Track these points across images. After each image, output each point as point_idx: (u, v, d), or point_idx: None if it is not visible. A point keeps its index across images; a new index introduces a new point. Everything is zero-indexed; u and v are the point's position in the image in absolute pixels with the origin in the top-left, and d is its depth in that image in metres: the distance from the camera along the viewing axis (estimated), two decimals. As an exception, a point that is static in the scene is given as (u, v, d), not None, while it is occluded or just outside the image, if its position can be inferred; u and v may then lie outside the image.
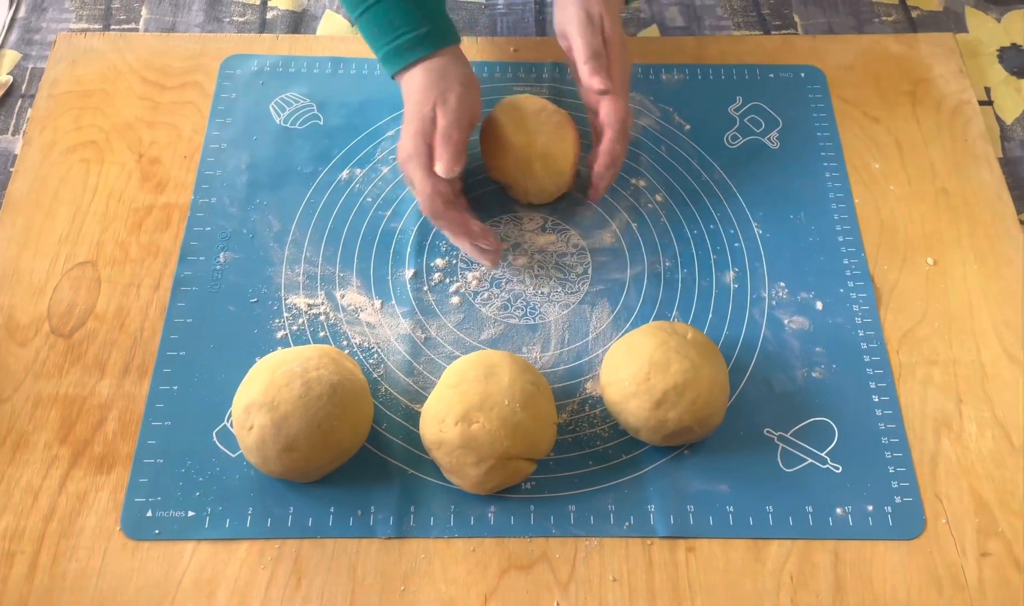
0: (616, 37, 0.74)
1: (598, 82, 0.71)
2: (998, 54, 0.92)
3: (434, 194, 0.70)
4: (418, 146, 0.70)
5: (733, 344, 0.73)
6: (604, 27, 0.74)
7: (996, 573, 0.63)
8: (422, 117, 0.71)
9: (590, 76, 0.72)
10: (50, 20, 0.92)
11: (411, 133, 0.71)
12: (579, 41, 0.72)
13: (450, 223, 0.71)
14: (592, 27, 0.73)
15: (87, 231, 0.77)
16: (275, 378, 0.63)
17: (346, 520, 0.65)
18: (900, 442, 0.68)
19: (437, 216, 0.71)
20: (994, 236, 0.79)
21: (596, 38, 0.73)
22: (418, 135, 0.71)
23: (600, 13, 0.73)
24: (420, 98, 0.71)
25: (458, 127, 0.71)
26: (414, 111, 0.71)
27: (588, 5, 0.73)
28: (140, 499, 0.65)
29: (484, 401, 0.63)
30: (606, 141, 0.73)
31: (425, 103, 0.71)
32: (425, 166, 0.70)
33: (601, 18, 0.73)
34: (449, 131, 0.70)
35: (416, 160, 0.70)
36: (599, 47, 0.73)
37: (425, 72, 0.72)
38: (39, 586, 0.62)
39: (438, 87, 0.71)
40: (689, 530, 0.65)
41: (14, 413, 0.68)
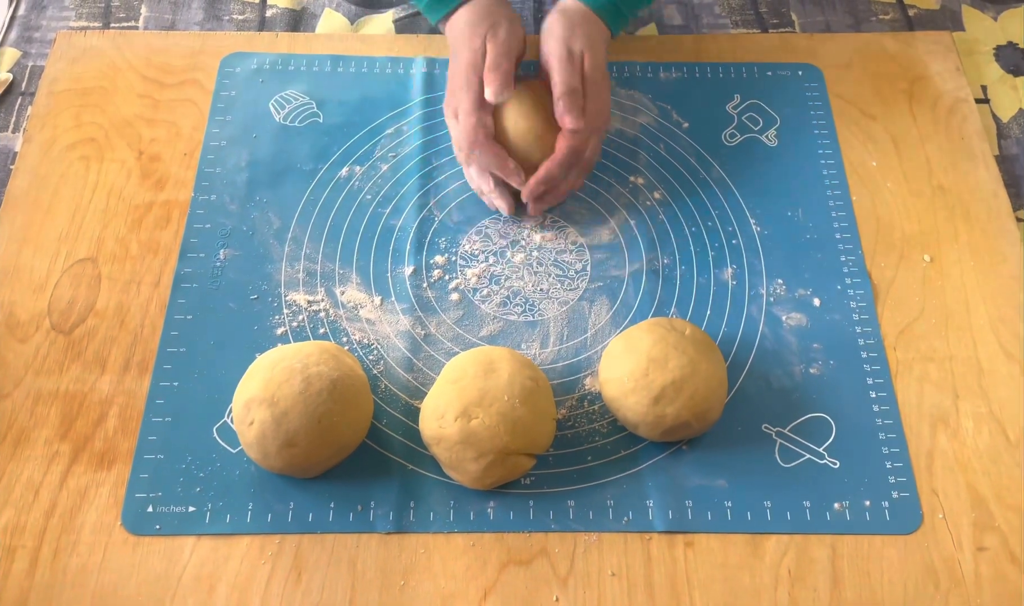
0: (596, 75, 0.75)
1: (569, 121, 0.73)
2: (994, 52, 0.92)
3: (478, 125, 0.73)
4: (468, 77, 0.73)
5: (731, 340, 0.73)
6: (584, 65, 0.75)
7: (992, 567, 0.64)
8: (472, 50, 0.74)
9: (563, 114, 0.73)
10: (50, 18, 0.92)
11: (461, 67, 0.74)
12: (557, 77, 0.74)
13: (490, 154, 0.73)
14: (571, 64, 0.74)
15: (87, 228, 0.77)
16: (275, 374, 0.64)
17: (346, 515, 0.65)
18: (897, 438, 0.69)
19: (478, 145, 0.73)
20: (990, 233, 0.79)
21: (575, 76, 0.74)
22: (469, 67, 0.74)
23: (582, 50, 0.75)
24: (470, 32, 0.75)
25: (508, 57, 0.74)
26: (464, 45, 0.74)
27: (571, 41, 0.75)
28: (141, 494, 0.65)
29: (483, 397, 0.63)
30: (548, 161, 0.74)
31: (475, 36, 0.74)
32: (475, 96, 0.73)
33: (582, 55, 0.75)
34: (499, 60, 0.73)
35: (465, 90, 0.73)
36: (576, 85, 0.74)
37: (472, 10, 0.76)
38: (40, 581, 0.62)
39: (487, 21, 0.75)
40: (687, 525, 0.65)
41: (15, 409, 0.68)
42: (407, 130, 0.84)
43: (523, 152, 0.76)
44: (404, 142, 0.83)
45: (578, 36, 0.75)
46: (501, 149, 0.74)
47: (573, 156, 0.74)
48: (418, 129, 0.84)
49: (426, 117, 0.85)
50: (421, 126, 0.84)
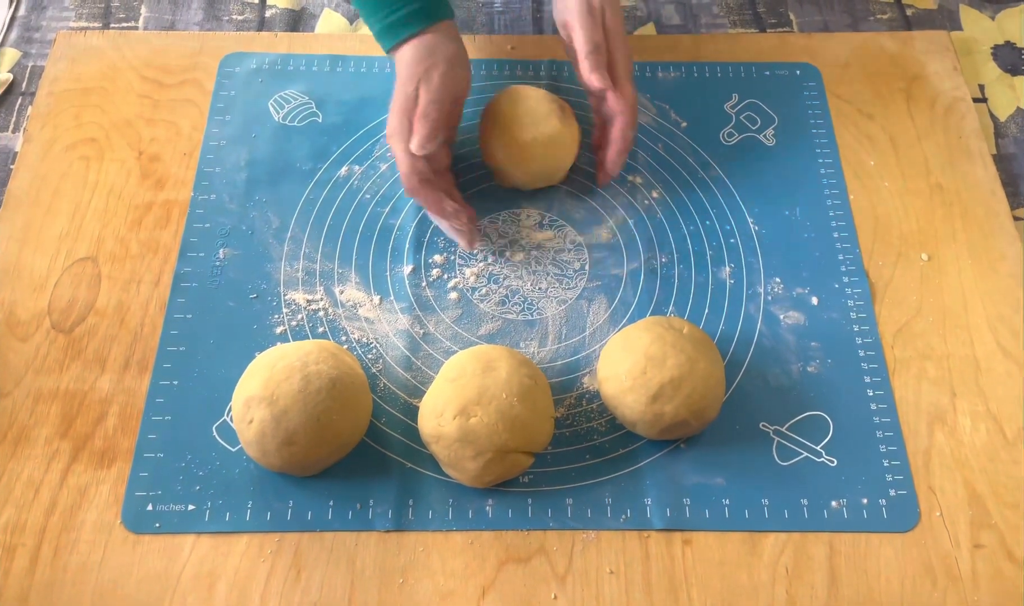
0: (617, 27, 0.74)
1: (596, 79, 0.72)
2: (992, 52, 0.93)
3: (411, 172, 0.72)
4: (400, 123, 0.72)
5: (729, 339, 0.74)
6: (605, 18, 0.74)
7: (989, 564, 0.64)
8: (406, 95, 0.72)
9: (590, 72, 0.72)
10: (50, 18, 0.92)
11: (395, 110, 0.72)
12: (580, 34, 0.73)
13: (425, 200, 0.73)
14: (593, 19, 0.73)
15: (87, 227, 0.77)
16: (275, 372, 0.64)
17: (345, 513, 0.65)
18: (895, 436, 0.69)
19: (413, 192, 0.73)
20: (988, 232, 0.79)
21: (597, 31, 0.73)
22: (401, 112, 0.72)
23: (601, 4, 0.74)
24: (406, 75, 0.72)
25: (437, 105, 0.72)
26: (400, 88, 0.73)
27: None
28: (141, 493, 0.65)
29: (482, 395, 0.63)
30: (618, 128, 0.74)
31: (409, 81, 0.72)
32: (405, 142, 0.72)
33: (603, 9, 0.74)
34: (428, 109, 0.71)
35: (397, 136, 0.72)
36: (600, 40, 0.73)
37: (414, 49, 0.73)
38: (40, 579, 0.62)
39: (424, 64, 0.72)
40: (685, 523, 0.65)
41: (15, 408, 0.69)
42: (406, 130, 0.84)
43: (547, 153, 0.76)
44: (403, 142, 0.84)
45: None
46: (437, 193, 0.73)
47: (634, 115, 0.75)
48: (417, 129, 0.84)
49: (425, 117, 0.85)
50: (420, 126, 0.84)
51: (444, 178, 0.77)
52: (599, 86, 0.72)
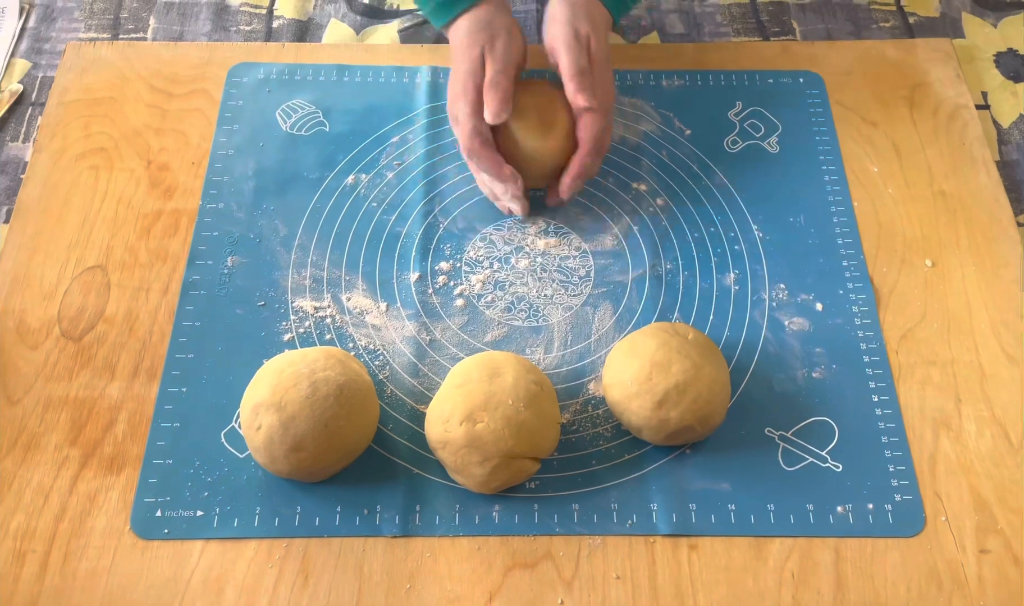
0: (601, 57, 0.76)
1: (582, 99, 0.74)
2: (995, 59, 0.93)
3: (474, 133, 0.74)
4: (466, 85, 0.74)
5: (734, 345, 0.74)
6: (590, 46, 0.76)
7: (995, 570, 0.64)
8: (471, 59, 0.75)
9: (575, 93, 0.74)
10: (59, 30, 0.93)
11: (459, 74, 0.75)
12: (565, 58, 0.75)
13: (485, 161, 0.74)
14: (579, 45, 0.75)
15: (97, 236, 0.78)
16: (282, 379, 0.64)
17: (352, 519, 0.65)
18: (900, 441, 0.69)
19: (473, 153, 0.74)
20: (991, 238, 0.80)
21: (582, 56, 0.75)
22: (467, 76, 0.74)
23: (587, 33, 0.76)
24: (468, 42, 0.75)
25: (505, 74, 0.74)
26: (463, 54, 0.75)
27: (576, 23, 0.76)
28: (149, 499, 0.66)
29: (488, 401, 0.64)
30: (579, 154, 0.76)
31: (473, 46, 0.75)
32: (471, 105, 0.74)
33: (588, 37, 0.76)
34: (497, 78, 0.74)
35: (463, 98, 0.74)
36: (585, 65, 0.75)
37: (471, 20, 0.76)
38: (50, 585, 0.63)
39: (486, 33, 0.75)
40: (691, 528, 0.65)
41: (25, 415, 0.69)
42: (412, 138, 0.85)
43: (533, 152, 0.77)
44: (409, 150, 0.84)
45: (582, 18, 0.76)
46: (498, 156, 0.75)
47: (598, 141, 0.76)
48: (423, 137, 0.85)
49: (431, 125, 0.86)
50: (426, 134, 0.85)
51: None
52: (584, 104, 0.74)
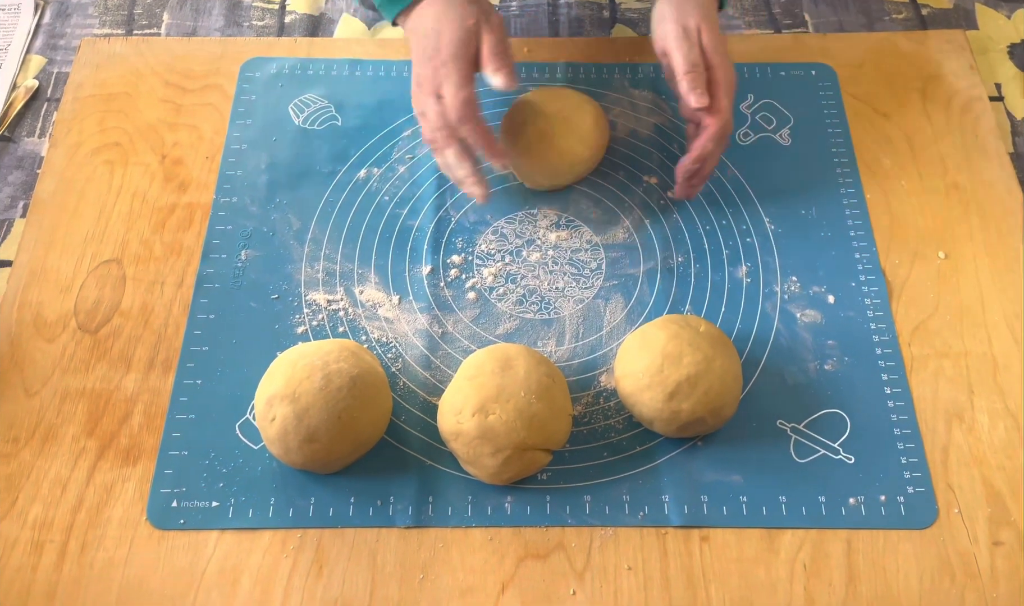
0: (715, 45, 0.74)
1: (695, 98, 0.72)
2: (1008, 50, 0.93)
3: (467, 102, 0.70)
4: (456, 53, 0.70)
5: (746, 338, 0.74)
6: (702, 38, 0.73)
7: (1008, 561, 0.64)
8: (465, 28, 0.71)
9: (688, 92, 0.72)
10: (74, 26, 0.94)
11: (446, 42, 0.71)
12: (677, 55, 0.73)
13: (478, 134, 0.71)
14: (689, 41, 0.73)
15: (112, 230, 0.79)
16: (296, 371, 0.65)
17: (366, 510, 0.66)
18: (912, 433, 0.69)
19: (465, 121, 0.70)
20: (1005, 230, 0.79)
21: (694, 51, 0.73)
22: (458, 43, 0.70)
23: (697, 25, 0.74)
24: (460, 13, 0.71)
25: (506, 45, 0.72)
26: (452, 24, 0.71)
27: (684, 19, 0.74)
28: (165, 490, 0.66)
29: (500, 393, 0.64)
30: (700, 138, 0.74)
31: (468, 17, 0.71)
32: (462, 73, 0.70)
33: (699, 30, 0.74)
34: (502, 46, 0.71)
35: (453, 64, 0.70)
36: (696, 59, 0.72)
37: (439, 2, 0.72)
38: (68, 574, 0.63)
39: (477, 5, 0.72)
40: (703, 520, 0.66)
41: (43, 407, 0.70)
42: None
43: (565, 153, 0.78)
44: (421, 144, 0.84)
45: (690, 13, 0.74)
46: (489, 128, 0.72)
47: (724, 130, 0.73)
48: (435, 131, 0.85)
49: (443, 119, 0.86)
50: (438, 128, 0.85)
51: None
52: (697, 105, 0.72)
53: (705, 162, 0.75)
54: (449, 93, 0.70)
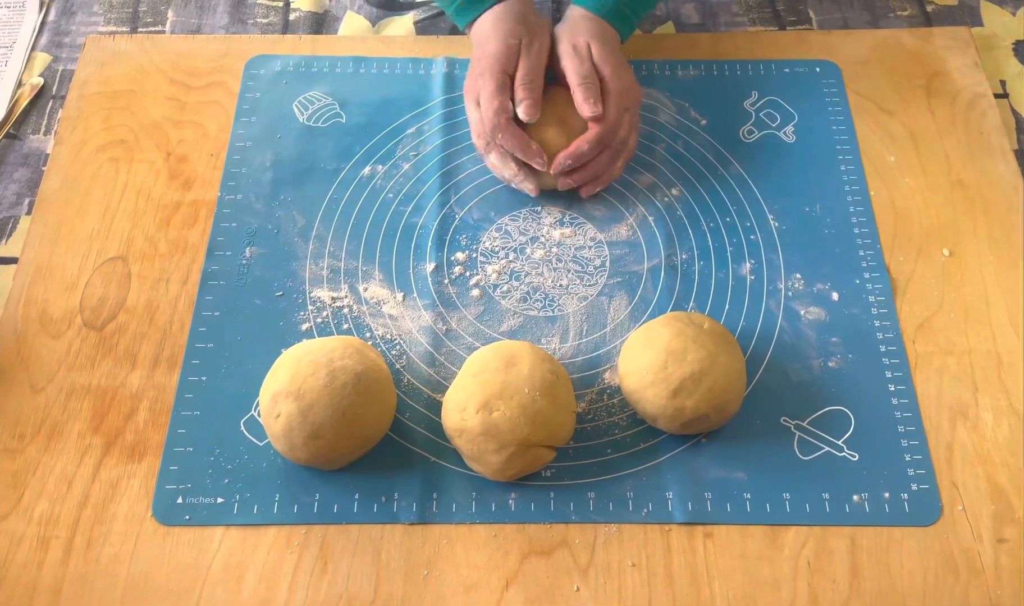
0: (607, 57, 0.77)
1: (587, 109, 0.75)
2: (1013, 47, 0.93)
3: (501, 109, 0.75)
4: (493, 68, 0.76)
5: (750, 335, 0.74)
6: (592, 52, 0.77)
7: (1012, 559, 0.64)
8: (508, 46, 0.76)
9: (581, 103, 0.75)
10: (79, 23, 0.94)
11: (488, 54, 0.77)
12: (568, 70, 0.77)
13: (512, 138, 0.75)
14: (579, 55, 0.77)
15: (117, 227, 0.79)
16: (301, 368, 0.65)
17: (370, 506, 0.66)
18: (916, 430, 0.69)
19: (499, 129, 0.75)
20: (1010, 227, 0.79)
21: (584, 64, 0.77)
22: (496, 58, 0.76)
23: (586, 41, 0.78)
24: (505, 31, 0.77)
25: (539, 74, 0.77)
26: (496, 39, 0.77)
27: (574, 39, 0.78)
28: (171, 486, 0.67)
29: (504, 389, 0.64)
30: (579, 138, 0.76)
31: (511, 36, 0.77)
32: (498, 83, 0.75)
33: (587, 45, 0.78)
34: (533, 75, 0.76)
35: (490, 77, 0.75)
36: (586, 71, 0.76)
37: (504, 11, 0.78)
38: (74, 570, 0.64)
39: (524, 27, 0.78)
40: (707, 517, 0.66)
41: (48, 404, 0.70)
42: (428, 129, 0.85)
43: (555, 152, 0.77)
44: (425, 141, 0.85)
45: (581, 32, 0.78)
46: (523, 132, 0.76)
47: (604, 135, 0.76)
48: (439, 128, 0.85)
49: (447, 116, 0.86)
50: (442, 125, 0.85)
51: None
52: (590, 114, 0.75)
53: (587, 165, 0.77)
54: (484, 102, 0.76)
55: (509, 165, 0.77)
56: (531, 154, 0.76)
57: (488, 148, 0.78)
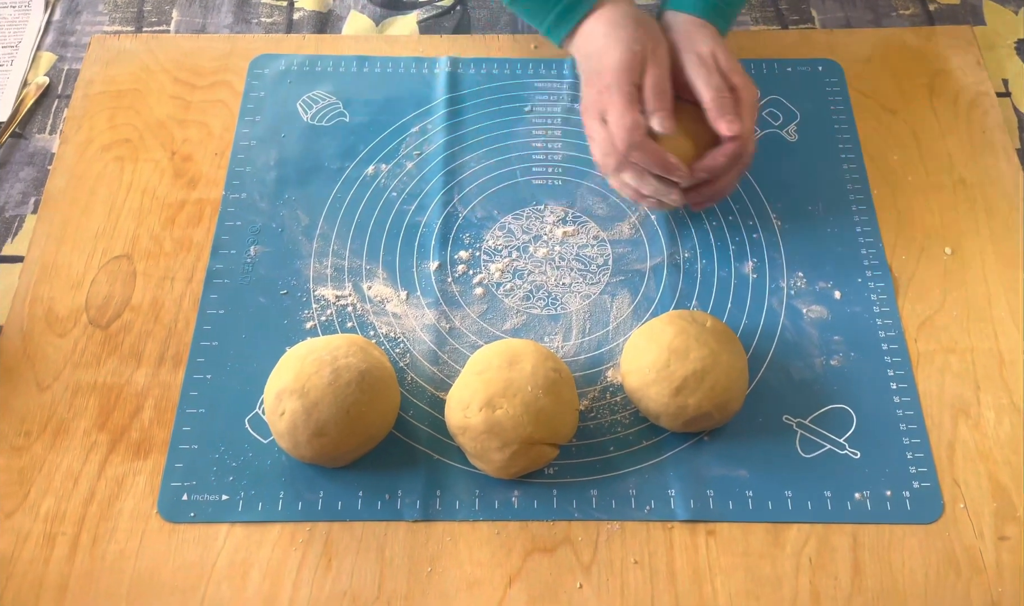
0: (733, 66, 0.72)
1: (725, 126, 0.69)
2: (1016, 46, 0.93)
3: (637, 125, 0.68)
4: (619, 77, 0.69)
5: (752, 333, 0.74)
6: (719, 62, 0.72)
7: (1014, 556, 0.64)
8: (633, 53, 0.69)
9: (717, 119, 0.70)
10: (84, 23, 0.95)
11: (610, 65, 0.69)
12: (698, 84, 0.71)
13: (651, 154, 0.69)
14: (707, 67, 0.71)
15: (122, 226, 0.79)
16: (305, 366, 0.65)
17: (374, 504, 0.66)
18: (918, 428, 0.69)
19: (637, 146, 0.69)
20: (1011, 226, 0.79)
21: (714, 76, 0.71)
22: (622, 68, 0.69)
23: (710, 51, 0.72)
24: (628, 37, 0.69)
25: (668, 82, 0.70)
26: (618, 47, 0.69)
27: (695, 47, 0.72)
28: (176, 483, 0.67)
29: (508, 387, 0.64)
30: (716, 151, 0.71)
31: (635, 42, 0.69)
32: (628, 97, 0.69)
33: (712, 54, 0.72)
34: (663, 84, 0.69)
35: (617, 91, 0.68)
36: (719, 83, 0.70)
37: (616, 12, 0.71)
38: (80, 566, 0.64)
39: (646, 31, 0.70)
40: (709, 514, 0.66)
41: (54, 401, 0.71)
42: (431, 128, 0.86)
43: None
44: (428, 140, 0.85)
45: (700, 40, 0.72)
46: (660, 146, 0.70)
47: (741, 149, 0.71)
48: (442, 127, 0.86)
49: (450, 115, 0.86)
50: (445, 124, 0.86)
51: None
52: (729, 132, 0.69)
53: (717, 181, 0.73)
54: (614, 118, 0.69)
55: (648, 182, 0.71)
56: (672, 168, 0.69)
57: (620, 167, 0.72)
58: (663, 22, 0.75)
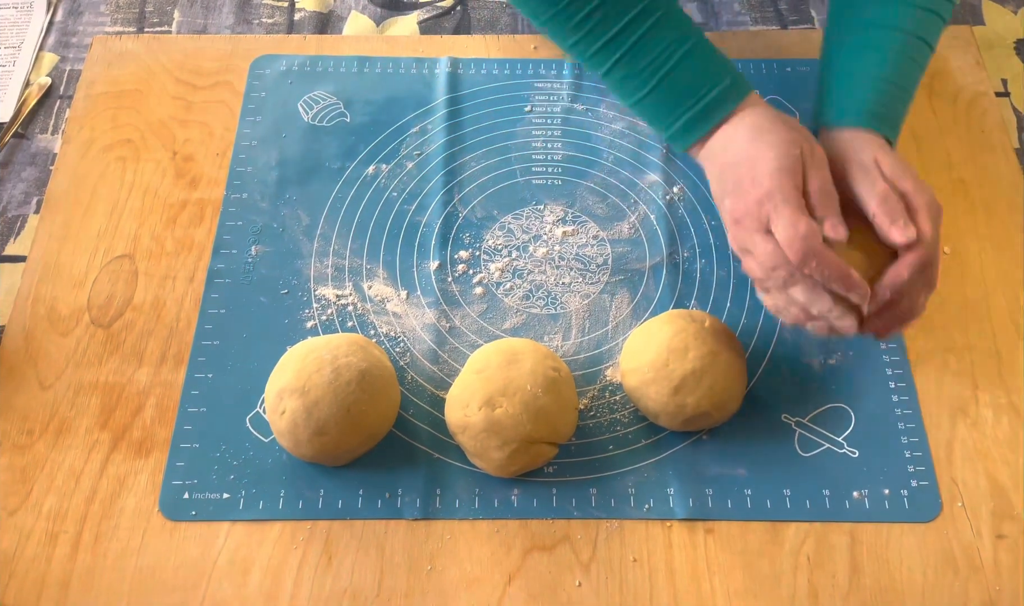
0: (902, 170, 0.64)
1: (898, 233, 0.61)
2: (1015, 46, 0.93)
3: (811, 232, 0.60)
4: (783, 184, 0.61)
5: (751, 332, 0.74)
6: (882, 166, 0.64)
7: (1011, 555, 0.64)
8: (792, 156, 0.62)
9: (888, 228, 0.62)
10: (86, 23, 0.95)
11: (767, 170, 0.62)
12: (861, 192, 0.63)
13: (829, 266, 0.60)
14: (867, 172, 0.63)
15: (124, 226, 0.80)
16: (306, 365, 0.66)
17: (374, 502, 0.67)
18: (916, 427, 0.70)
19: (814, 255, 0.60)
20: (1010, 225, 0.79)
21: (879, 183, 0.63)
22: (783, 174, 0.61)
23: (872, 157, 0.64)
24: (785, 138, 0.63)
25: (832, 185, 0.63)
26: (773, 148, 0.63)
27: (853, 155, 0.65)
28: (177, 482, 0.67)
29: (507, 386, 0.65)
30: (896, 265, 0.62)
31: (793, 144, 0.63)
32: (797, 203, 0.61)
33: (874, 159, 0.64)
34: (829, 187, 0.62)
35: (782, 196, 0.61)
36: (883, 187, 0.62)
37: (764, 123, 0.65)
38: (81, 564, 0.65)
39: (799, 133, 0.64)
40: (708, 513, 0.66)
41: (56, 400, 0.71)
42: (432, 129, 0.86)
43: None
44: (429, 140, 0.85)
45: (858, 147, 0.65)
46: (838, 259, 0.61)
47: (925, 258, 0.62)
48: (442, 127, 0.86)
49: (450, 116, 0.86)
50: (445, 124, 0.86)
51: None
52: (903, 240, 0.61)
53: (902, 301, 0.63)
54: (783, 226, 0.60)
55: (822, 298, 0.62)
56: (853, 283, 0.60)
57: (790, 281, 0.62)
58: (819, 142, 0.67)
